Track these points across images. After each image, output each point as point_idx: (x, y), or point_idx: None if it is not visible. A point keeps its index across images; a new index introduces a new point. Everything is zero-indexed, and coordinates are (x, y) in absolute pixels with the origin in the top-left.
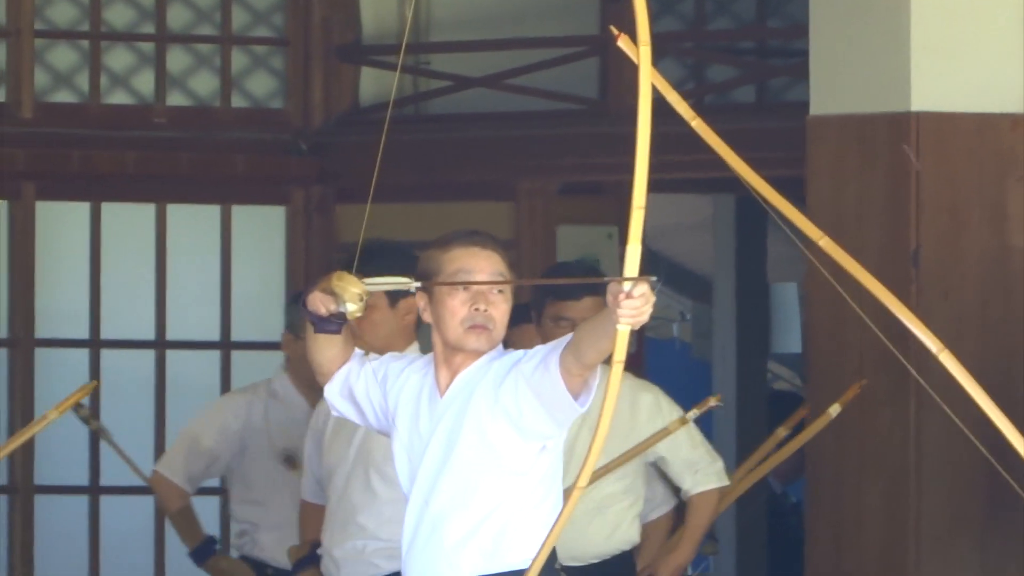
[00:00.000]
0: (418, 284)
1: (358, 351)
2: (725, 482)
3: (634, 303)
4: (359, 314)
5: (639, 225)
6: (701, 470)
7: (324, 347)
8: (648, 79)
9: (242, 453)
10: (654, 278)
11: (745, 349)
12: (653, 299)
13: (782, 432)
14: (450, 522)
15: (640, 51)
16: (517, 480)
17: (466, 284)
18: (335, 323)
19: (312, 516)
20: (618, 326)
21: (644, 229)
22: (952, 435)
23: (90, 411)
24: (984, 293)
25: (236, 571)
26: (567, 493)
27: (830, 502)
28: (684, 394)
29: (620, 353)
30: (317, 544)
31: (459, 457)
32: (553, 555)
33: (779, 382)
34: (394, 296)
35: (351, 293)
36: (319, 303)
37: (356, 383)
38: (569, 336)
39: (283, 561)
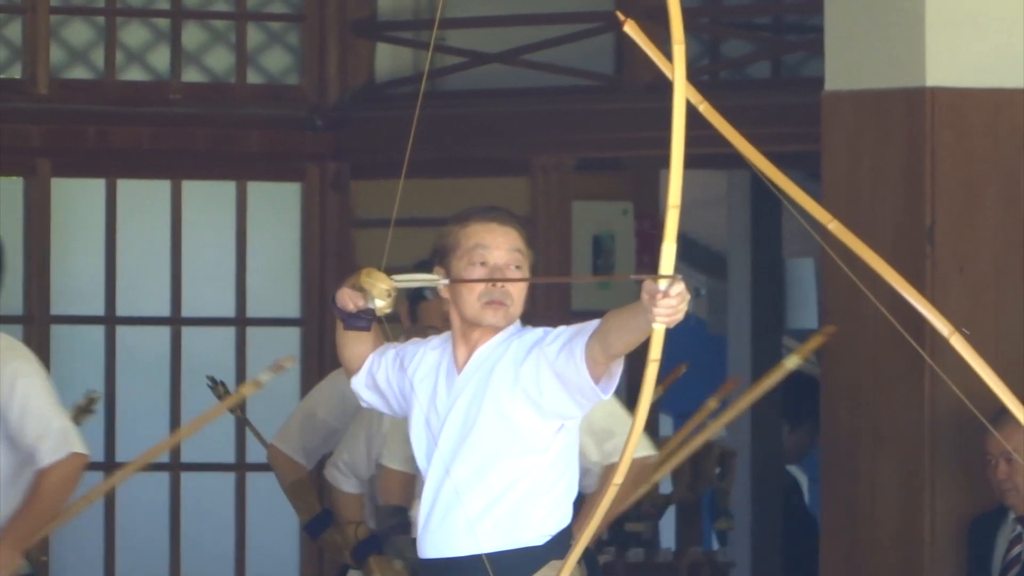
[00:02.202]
0: (446, 280)
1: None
2: (646, 452)
3: (671, 302)
4: (388, 310)
5: (675, 223)
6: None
7: (353, 343)
8: (683, 78)
9: None
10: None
11: (760, 325)
12: (688, 297)
13: (713, 404)
14: (468, 497)
15: (675, 50)
16: (534, 457)
17: (493, 281)
18: (364, 319)
19: None
20: (654, 325)
21: (657, 204)
22: (967, 411)
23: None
24: (999, 268)
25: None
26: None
27: (845, 478)
28: (699, 370)
29: (656, 352)
30: None
31: (477, 434)
32: (568, 533)
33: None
34: None
35: (380, 289)
36: (348, 299)
37: (378, 372)
38: (595, 322)
39: None
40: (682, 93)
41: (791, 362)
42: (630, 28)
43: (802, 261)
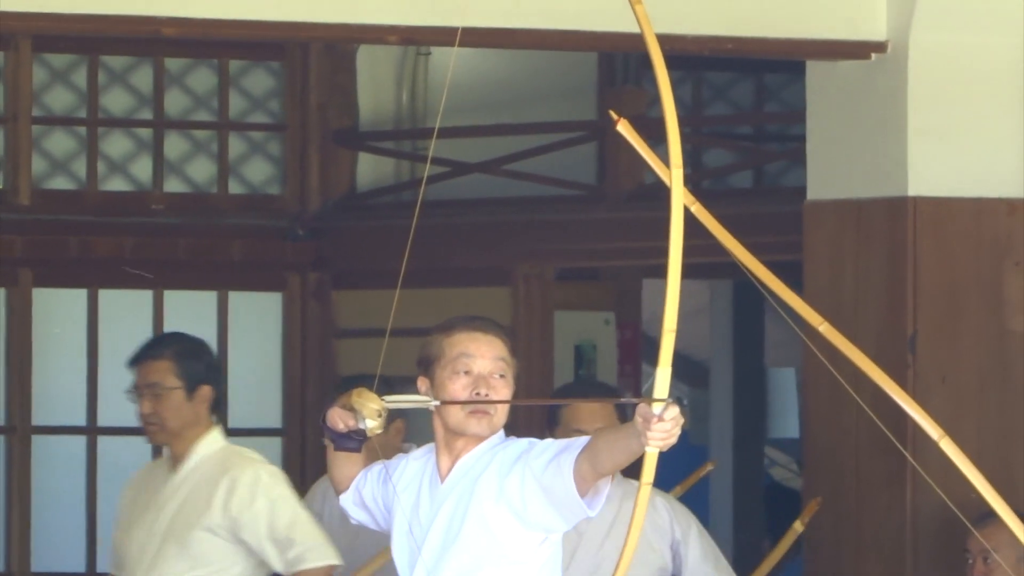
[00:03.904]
0: (437, 402)
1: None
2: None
3: (665, 426)
4: (379, 431)
5: (670, 348)
6: None
7: (343, 465)
8: (680, 200)
9: None
10: (685, 401)
11: (742, 434)
12: (682, 421)
13: (799, 527)
14: None
15: (672, 173)
16: (517, 568)
17: (480, 403)
18: (354, 440)
19: None
20: (647, 448)
21: (641, 314)
22: (949, 519)
23: None
24: (981, 378)
25: None
26: None
27: None
28: (681, 479)
29: (648, 475)
30: None
31: (461, 544)
32: None
33: (776, 467)
34: None
35: (370, 409)
36: (338, 419)
37: (364, 488)
38: (585, 439)
39: None
40: (680, 214)
41: (798, 526)
42: (623, 127)
43: (783, 371)
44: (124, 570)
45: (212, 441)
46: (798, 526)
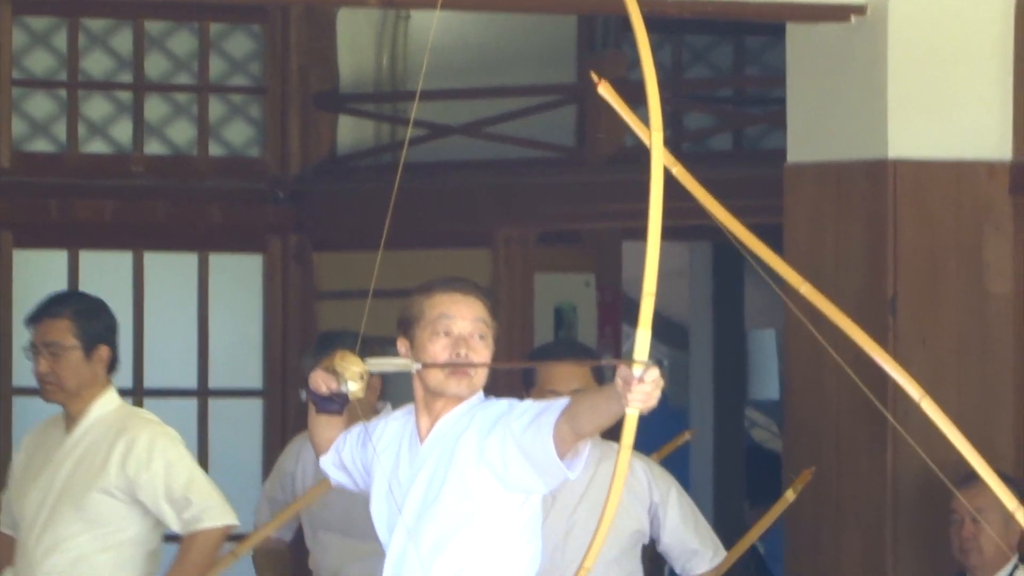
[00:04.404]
0: (419, 365)
1: None
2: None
3: (645, 388)
4: (361, 395)
5: (650, 310)
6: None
7: (325, 428)
8: (660, 164)
9: None
10: (665, 363)
11: (722, 396)
12: (662, 383)
13: (791, 496)
14: (430, 571)
15: (652, 136)
16: (497, 530)
17: (462, 365)
18: (336, 403)
19: None
20: (628, 410)
21: (621, 276)
22: (929, 481)
23: None
24: (961, 340)
25: None
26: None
27: (809, 550)
28: (661, 442)
29: (628, 437)
30: None
31: (440, 505)
32: None
33: (756, 429)
34: None
35: (352, 372)
36: (320, 382)
37: (343, 450)
38: (564, 400)
39: None
40: (659, 178)
41: (789, 495)
42: (604, 89)
43: (764, 332)
44: (19, 530)
45: (108, 401)
46: (790, 495)
